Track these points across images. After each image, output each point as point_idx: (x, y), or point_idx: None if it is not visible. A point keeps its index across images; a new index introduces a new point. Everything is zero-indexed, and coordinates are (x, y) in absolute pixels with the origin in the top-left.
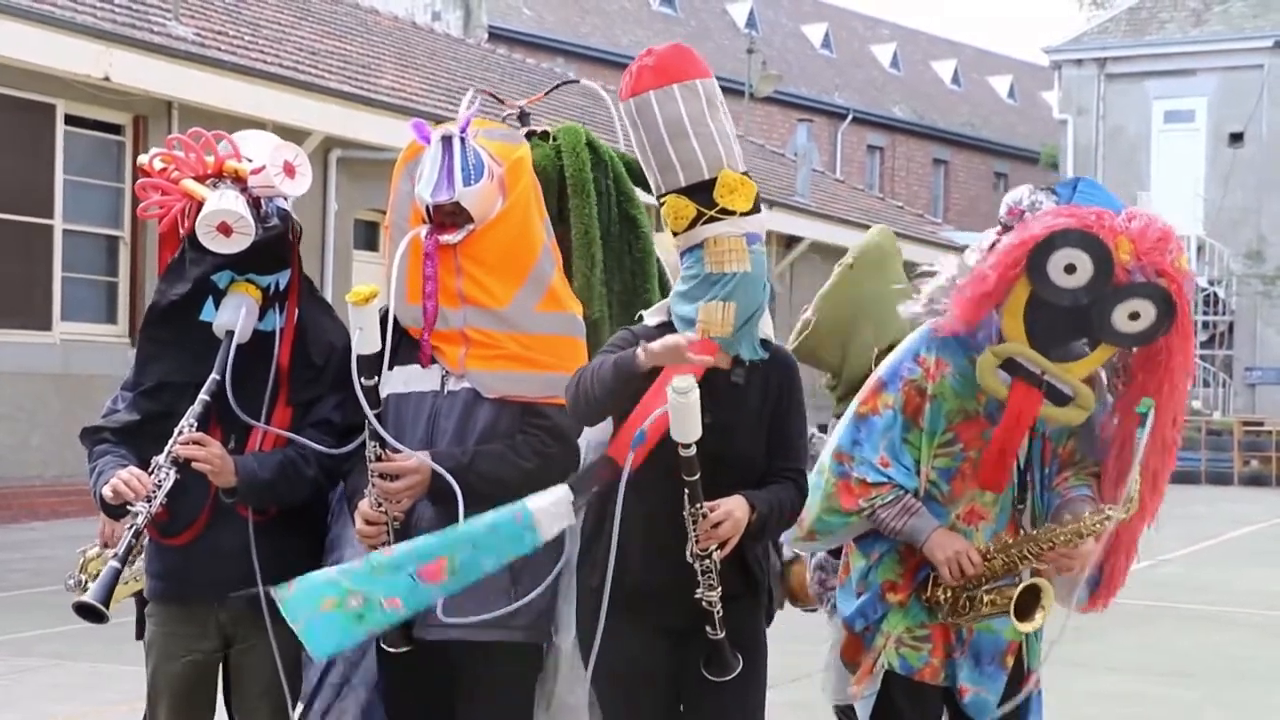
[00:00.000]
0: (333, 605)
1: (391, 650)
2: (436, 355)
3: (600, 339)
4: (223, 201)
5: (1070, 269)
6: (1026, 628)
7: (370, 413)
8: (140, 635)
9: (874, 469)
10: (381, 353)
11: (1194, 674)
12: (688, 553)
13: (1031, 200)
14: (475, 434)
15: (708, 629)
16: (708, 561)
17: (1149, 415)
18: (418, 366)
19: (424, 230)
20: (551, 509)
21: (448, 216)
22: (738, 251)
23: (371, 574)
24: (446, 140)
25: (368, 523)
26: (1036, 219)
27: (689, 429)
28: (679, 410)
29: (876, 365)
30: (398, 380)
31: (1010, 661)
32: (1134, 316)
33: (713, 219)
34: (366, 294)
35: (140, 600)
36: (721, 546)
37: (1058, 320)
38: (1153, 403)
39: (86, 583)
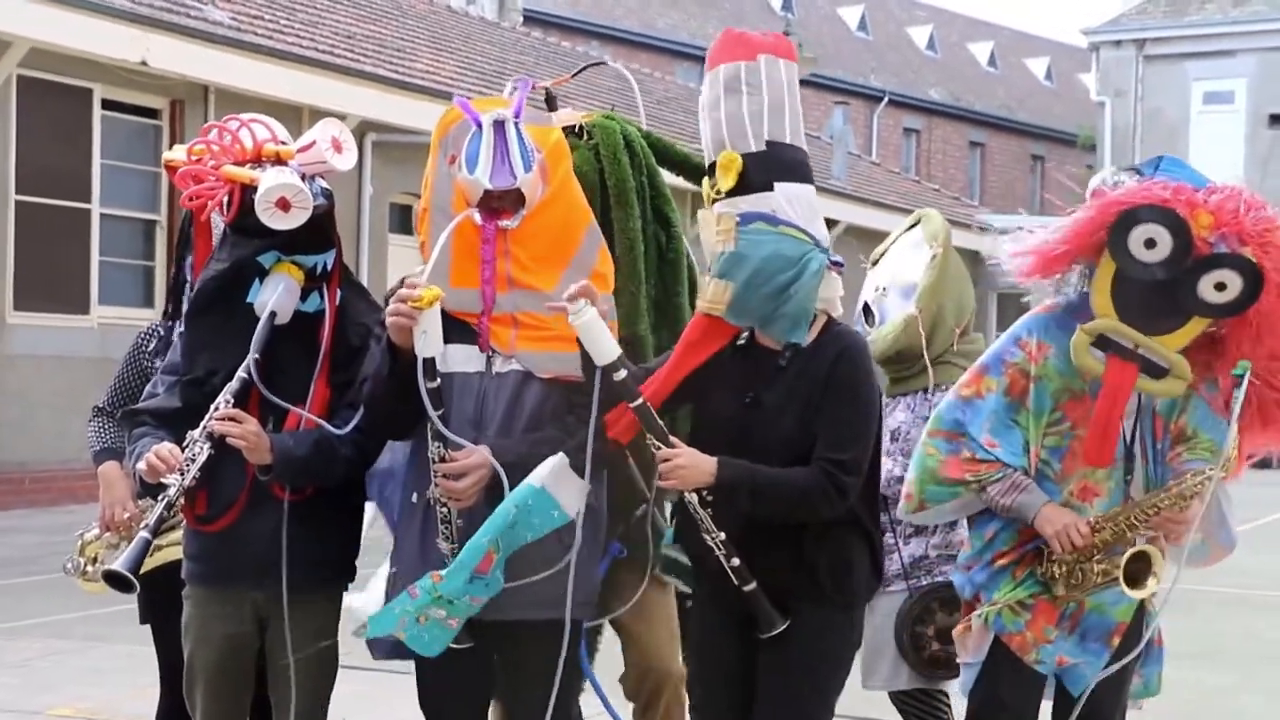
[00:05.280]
0: (409, 623)
1: (456, 646)
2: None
3: (644, 354)
4: (280, 176)
5: (1150, 244)
6: (1139, 594)
7: (434, 414)
8: (144, 620)
9: (982, 449)
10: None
11: (1230, 658)
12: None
13: (1115, 181)
14: (525, 414)
15: (734, 580)
16: (689, 501)
17: (1245, 376)
18: (460, 346)
19: (475, 214)
20: (553, 478)
21: (498, 201)
22: (725, 231)
23: (434, 589)
24: (500, 125)
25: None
26: (1114, 193)
27: (601, 350)
28: (582, 333)
29: (959, 342)
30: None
31: (1116, 642)
32: (1220, 287)
33: (715, 199)
34: (431, 297)
35: (142, 585)
36: (709, 494)
37: (1147, 295)
38: (1249, 364)
39: (85, 566)
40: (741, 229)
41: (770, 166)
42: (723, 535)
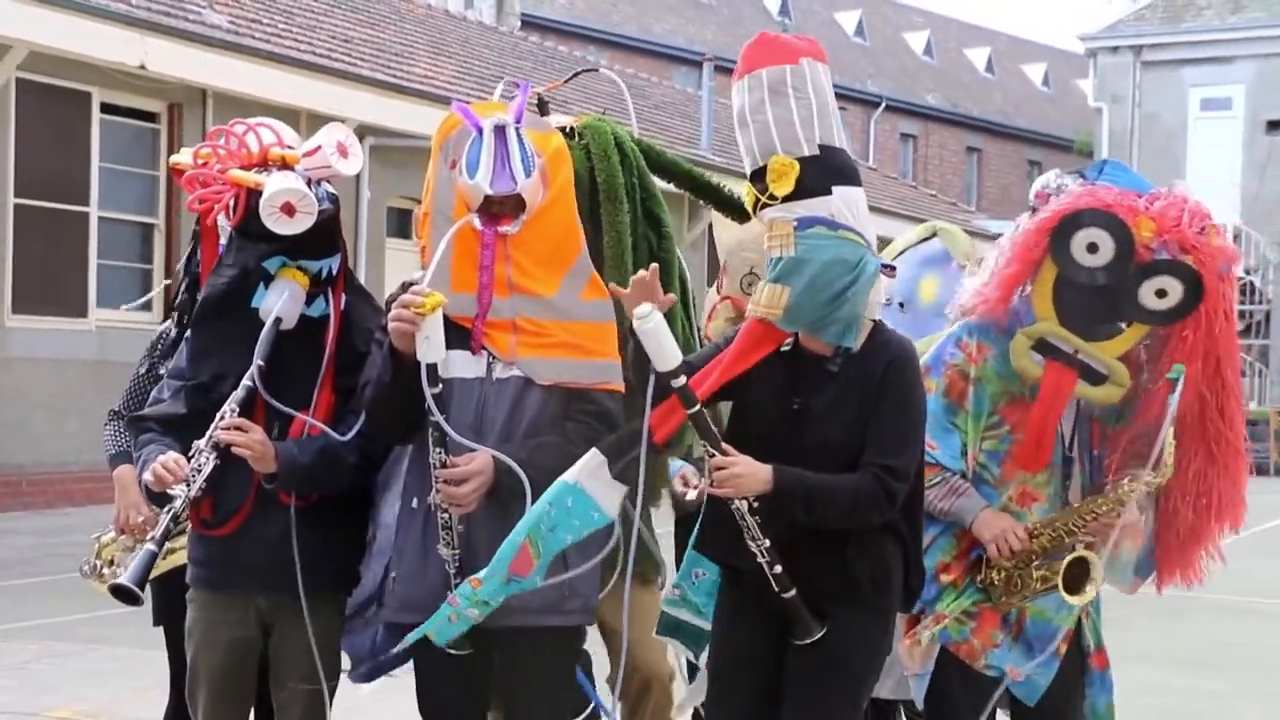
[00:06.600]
0: (442, 620)
1: (455, 652)
2: (485, 342)
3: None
4: (285, 181)
5: (1093, 248)
6: (1076, 600)
7: (439, 418)
8: (158, 622)
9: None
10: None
11: (1224, 665)
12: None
13: (1059, 183)
14: (525, 421)
15: (774, 586)
16: (737, 508)
17: (1179, 381)
18: (461, 353)
19: (475, 219)
20: (589, 476)
21: (499, 206)
22: (782, 236)
23: (473, 594)
24: (500, 130)
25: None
26: (1057, 200)
27: (665, 355)
28: (646, 338)
29: None
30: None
31: (1064, 649)
32: (1161, 294)
33: (765, 204)
34: (434, 303)
35: (156, 587)
36: (756, 501)
37: (1088, 300)
38: (1184, 368)
39: (101, 568)
40: (800, 234)
41: (826, 171)
42: (768, 542)
